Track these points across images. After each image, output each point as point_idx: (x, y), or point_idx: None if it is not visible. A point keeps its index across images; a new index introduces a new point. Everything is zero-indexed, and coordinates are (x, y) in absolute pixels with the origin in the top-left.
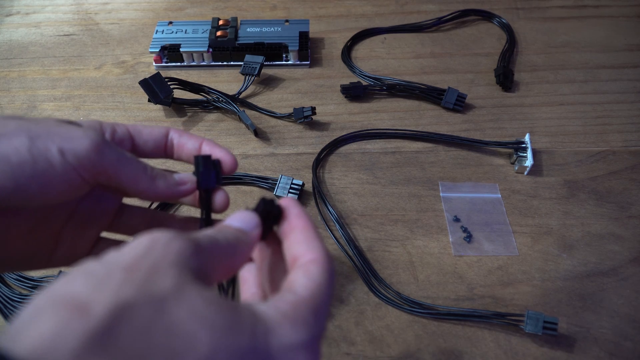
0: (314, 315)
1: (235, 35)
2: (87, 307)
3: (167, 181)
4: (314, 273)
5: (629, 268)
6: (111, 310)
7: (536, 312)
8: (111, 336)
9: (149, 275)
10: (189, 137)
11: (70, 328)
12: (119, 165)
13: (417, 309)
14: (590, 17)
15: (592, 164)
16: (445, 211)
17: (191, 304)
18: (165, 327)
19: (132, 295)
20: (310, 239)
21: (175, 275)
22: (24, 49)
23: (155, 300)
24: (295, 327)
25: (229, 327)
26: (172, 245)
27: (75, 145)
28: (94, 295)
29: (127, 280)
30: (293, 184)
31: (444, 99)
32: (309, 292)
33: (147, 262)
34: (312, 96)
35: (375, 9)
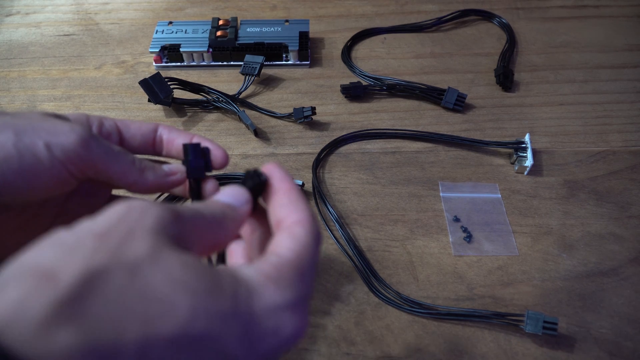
0: (299, 277)
1: (235, 35)
2: (55, 275)
3: (156, 172)
4: (299, 234)
5: (629, 268)
6: (80, 277)
7: (536, 312)
8: (80, 303)
9: (123, 241)
10: (179, 133)
11: (35, 296)
12: (107, 158)
13: (417, 309)
14: (590, 17)
15: (592, 164)
16: (445, 211)
17: (168, 268)
18: (139, 292)
19: (103, 261)
20: (294, 201)
21: (151, 241)
22: (24, 49)
23: (128, 265)
24: (279, 289)
25: (209, 290)
26: (149, 212)
27: (62, 139)
28: (63, 263)
29: (99, 247)
30: None
31: (444, 99)
32: (294, 253)
33: (120, 228)
34: (312, 96)
35: (375, 9)
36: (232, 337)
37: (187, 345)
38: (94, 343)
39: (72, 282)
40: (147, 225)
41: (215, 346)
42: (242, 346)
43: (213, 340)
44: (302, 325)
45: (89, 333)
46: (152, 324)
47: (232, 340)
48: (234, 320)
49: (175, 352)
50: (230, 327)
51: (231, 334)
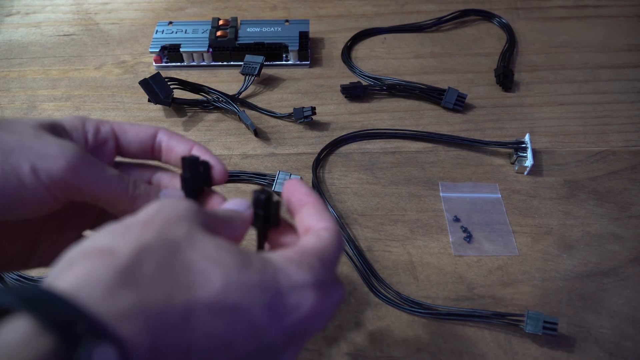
0: (320, 263)
1: (235, 35)
2: (114, 251)
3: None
4: (324, 236)
5: (629, 268)
6: (134, 251)
7: (536, 312)
8: (136, 271)
9: (163, 226)
10: (179, 140)
11: (100, 267)
12: (97, 186)
13: (417, 309)
14: (590, 17)
15: (592, 164)
16: (445, 211)
17: (203, 246)
18: (181, 265)
19: (151, 239)
20: (320, 212)
21: (186, 225)
22: (24, 49)
23: (171, 243)
24: (301, 269)
25: (239, 266)
26: (180, 204)
27: (50, 164)
28: (118, 242)
29: (145, 230)
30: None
31: (444, 99)
32: (316, 247)
33: (160, 217)
34: (312, 96)
35: (375, 9)
36: (260, 308)
37: (222, 312)
38: (148, 304)
39: (128, 255)
40: (180, 213)
41: (246, 315)
42: (269, 317)
43: (244, 309)
44: (320, 305)
45: (144, 295)
46: (192, 291)
47: (259, 310)
48: (262, 291)
49: (213, 316)
50: (259, 298)
51: (259, 305)
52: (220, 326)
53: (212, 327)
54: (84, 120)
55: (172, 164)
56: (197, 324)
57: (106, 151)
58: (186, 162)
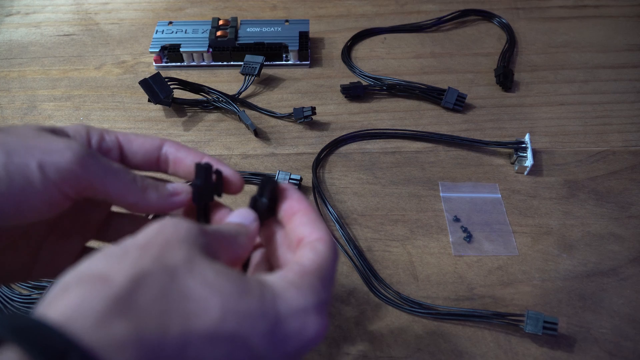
0: (320, 283)
1: (235, 35)
2: (108, 278)
3: (159, 192)
4: (320, 249)
5: (629, 268)
6: (130, 278)
7: (536, 312)
8: (131, 299)
9: (162, 250)
10: (188, 152)
11: (94, 295)
12: (106, 178)
13: (417, 309)
14: (590, 17)
15: (592, 164)
16: (445, 211)
17: (201, 273)
18: (179, 292)
19: (148, 266)
20: (314, 221)
21: (186, 249)
22: (24, 49)
23: (169, 269)
24: (302, 293)
25: (238, 293)
26: (181, 226)
27: (57, 158)
28: (114, 268)
29: (143, 255)
30: (291, 179)
31: (444, 99)
32: (316, 264)
33: (159, 240)
34: (312, 96)
35: (375, 9)
36: (260, 336)
37: (220, 341)
38: (143, 334)
39: (123, 282)
40: (180, 236)
41: (245, 344)
42: (269, 345)
43: (243, 338)
44: (323, 327)
45: (139, 325)
46: (190, 321)
47: (259, 338)
48: (261, 319)
49: (210, 346)
50: (258, 326)
51: (259, 333)
52: (217, 356)
53: (209, 358)
54: (88, 129)
55: (181, 177)
56: (194, 355)
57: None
58: (200, 168)
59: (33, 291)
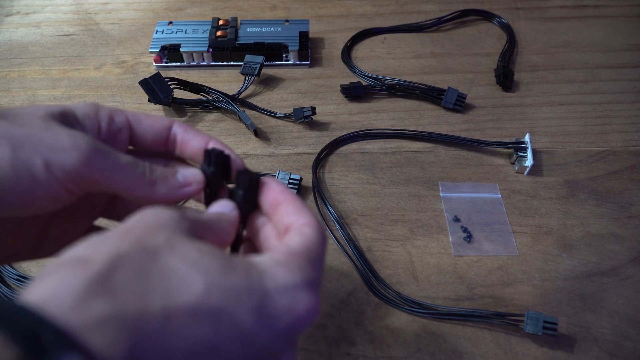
0: (307, 263)
1: (235, 35)
2: (87, 260)
3: (168, 185)
4: (308, 233)
5: (629, 268)
6: (108, 260)
7: (536, 312)
8: (109, 279)
9: (143, 234)
10: (195, 134)
11: (72, 277)
12: (113, 175)
13: (417, 309)
14: (590, 17)
15: (592, 164)
16: (445, 211)
17: (184, 252)
18: (160, 270)
19: (127, 247)
20: (299, 209)
21: (167, 232)
22: (24, 49)
23: (149, 250)
24: (290, 271)
25: (223, 269)
26: (163, 212)
27: (63, 158)
28: (93, 252)
29: (123, 239)
30: (291, 179)
31: (444, 99)
32: (302, 245)
33: (140, 225)
34: (312, 96)
35: (375, 9)
36: (246, 312)
37: (204, 316)
38: (122, 311)
39: (102, 263)
40: (162, 221)
41: (231, 320)
42: (258, 321)
43: (228, 313)
44: (314, 304)
45: (118, 303)
46: (171, 296)
47: (246, 314)
48: (247, 295)
49: (194, 322)
50: (244, 301)
51: (245, 308)
52: (203, 331)
53: (194, 333)
54: (97, 108)
55: (187, 157)
56: (178, 330)
57: (120, 141)
58: (211, 155)
59: None
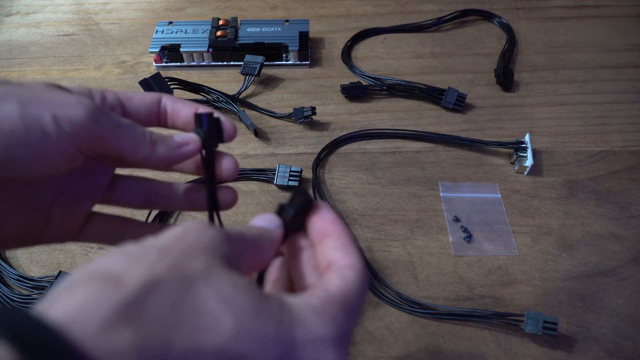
0: (344, 314)
1: (235, 35)
2: (120, 280)
3: (168, 145)
4: (349, 276)
5: (629, 268)
6: (142, 284)
7: (536, 312)
8: (140, 307)
9: (182, 257)
10: (184, 104)
11: (102, 297)
12: (117, 132)
13: (417, 309)
14: (590, 17)
15: (592, 164)
16: (445, 211)
17: (219, 286)
18: (191, 305)
19: (164, 272)
20: (346, 246)
21: (207, 259)
22: (24, 49)
23: (185, 279)
24: (322, 321)
25: (255, 312)
26: (205, 232)
27: (70, 112)
28: (128, 270)
29: (161, 259)
30: (292, 172)
31: (444, 99)
32: (342, 291)
33: (180, 245)
34: (312, 96)
35: (375, 9)
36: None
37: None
38: (147, 346)
39: (135, 287)
40: (203, 243)
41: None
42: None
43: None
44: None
45: (145, 335)
46: (198, 335)
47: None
48: (275, 344)
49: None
50: (270, 350)
51: (270, 358)
52: None
53: None
54: (89, 89)
55: (179, 128)
56: None
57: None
58: (199, 117)
59: (33, 291)
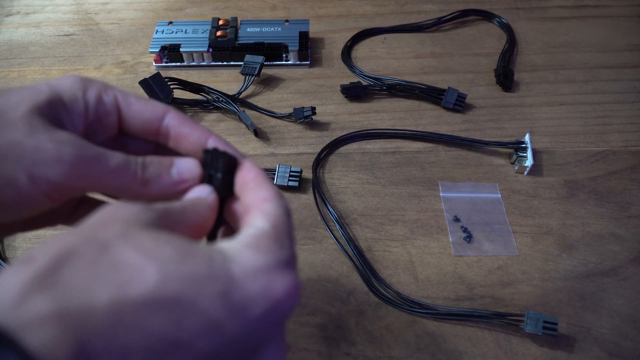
0: (276, 243)
1: (235, 35)
2: (33, 259)
3: (161, 184)
4: (269, 209)
5: (629, 268)
6: (54, 256)
7: (536, 312)
8: (53, 275)
9: (94, 229)
10: (192, 128)
11: (13, 276)
12: (100, 182)
13: (417, 309)
14: (590, 17)
15: (592, 164)
16: (445, 211)
17: (138, 242)
18: (111, 262)
19: (76, 242)
20: (259, 184)
21: (122, 225)
22: (24, 49)
23: (100, 243)
24: (258, 253)
25: (180, 257)
26: (121, 207)
27: (47, 171)
28: (41, 249)
29: (73, 234)
30: (292, 172)
31: (444, 99)
32: (266, 225)
33: (92, 221)
34: (312, 96)
35: (375, 9)
36: (210, 300)
37: (161, 308)
38: (66, 306)
39: (46, 260)
40: (118, 215)
41: (192, 310)
42: (225, 310)
43: (188, 303)
44: (292, 284)
45: (61, 298)
46: (122, 289)
47: (210, 303)
48: (210, 282)
49: (150, 315)
50: (206, 288)
51: (208, 297)
52: (161, 324)
53: (151, 327)
54: (85, 86)
55: (182, 153)
56: (132, 325)
57: (107, 125)
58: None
59: None
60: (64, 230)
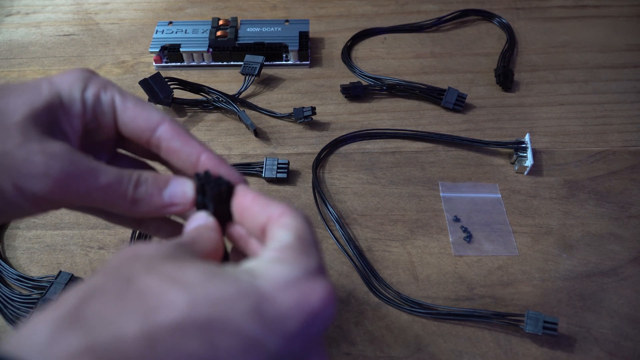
0: (302, 252)
1: (235, 35)
2: (60, 301)
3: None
4: (288, 221)
5: (629, 268)
6: (80, 295)
7: (536, 312)
8: (80, 312)
9: (119, 266)
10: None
11: (44, 318)
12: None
13: (417, 309)
14: (590, 17)
15: (592, 164)
16: (445, 211)
17: (162, 270)
18: (136, 293)
19: (100, 280)
20: (266, 203)
21: (145, 259)
22: (24, 49)
23: (124, 278)
24: (285, 265)
25: (206, 279)
26: (140, 245)
27: (34, 184)
28: (68, 293)
29: (97, 275)
30: (280, 164)
31: (444, 99)
32: (292, 235)
33: (115, 260)
34: (312, 96)
35: (375, 9)
36: (243, 317)
37: (192, 329)
38: (95, 340)
39: (72, 300)
40: (139, 252)
41: (226, 328)
42: (261, 325)
43: (220, 322)
44: (327, 292)
45: (89, 333)
46: (150, 315)
47: (244, 319)
48: (239, 300)
49: (182, 336)
50: (237, 306)
51: (240, 314)
52: (195, 347)
53: (186, 350)
54: (85, 85)
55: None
56: (165, 351)
57: (105, 125)
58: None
59: (33, 291)
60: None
